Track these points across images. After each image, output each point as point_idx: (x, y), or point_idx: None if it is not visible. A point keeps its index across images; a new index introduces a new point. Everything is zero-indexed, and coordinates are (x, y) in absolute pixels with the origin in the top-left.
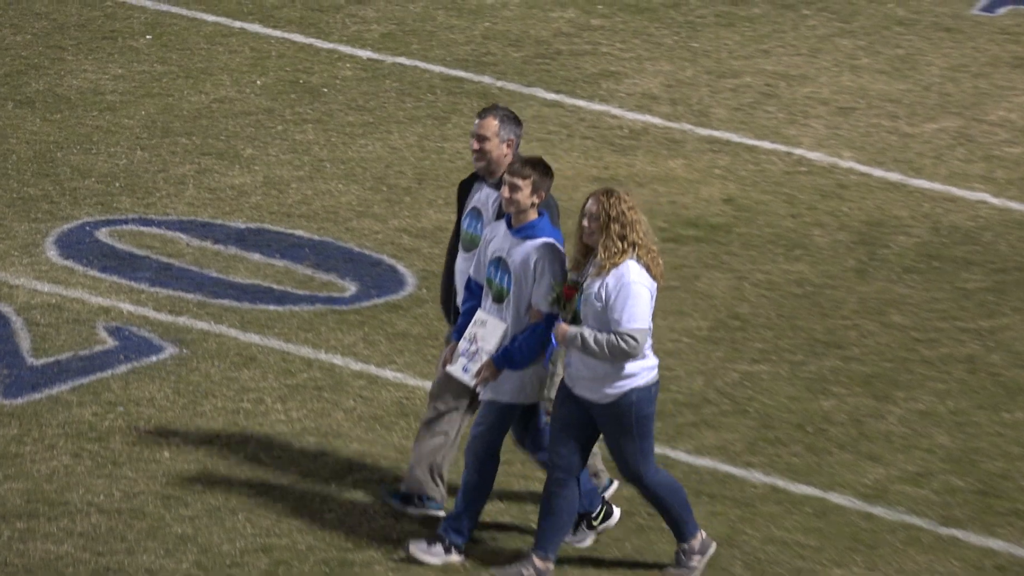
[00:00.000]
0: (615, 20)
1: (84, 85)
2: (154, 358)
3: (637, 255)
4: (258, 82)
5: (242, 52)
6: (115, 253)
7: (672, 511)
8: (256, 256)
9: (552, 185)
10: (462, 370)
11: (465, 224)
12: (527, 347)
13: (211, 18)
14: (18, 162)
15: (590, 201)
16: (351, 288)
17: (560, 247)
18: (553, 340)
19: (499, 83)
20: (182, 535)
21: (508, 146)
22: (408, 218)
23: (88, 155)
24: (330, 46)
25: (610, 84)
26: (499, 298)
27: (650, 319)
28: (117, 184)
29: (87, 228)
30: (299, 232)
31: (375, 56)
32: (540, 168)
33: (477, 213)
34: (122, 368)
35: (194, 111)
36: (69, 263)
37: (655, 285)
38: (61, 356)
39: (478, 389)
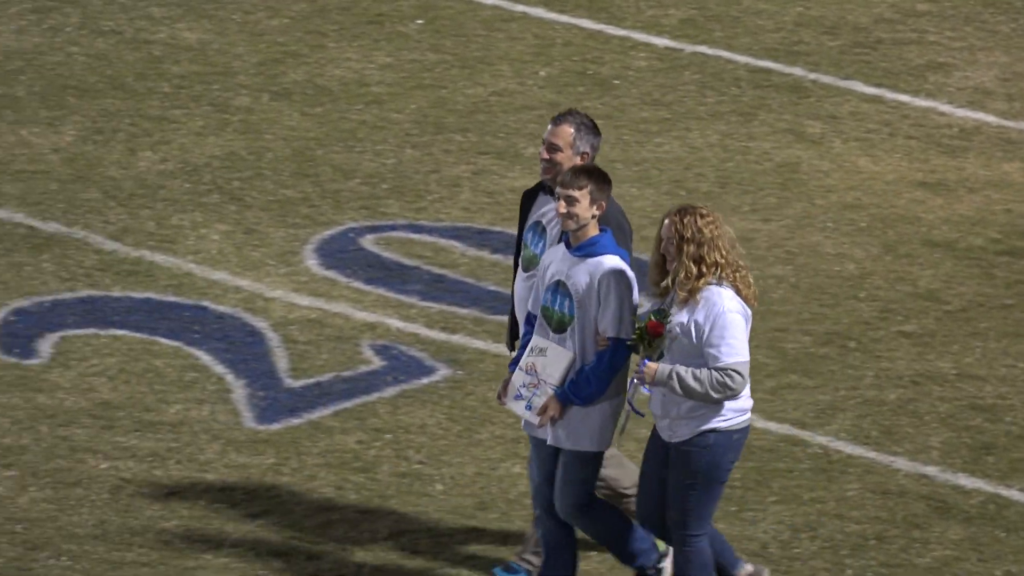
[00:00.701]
0: (943, 5)
1: (347, 75)
2: (425, 380)
3: (721, 276)
4: (541, 73)
5: (524, 39)
6: (382, 263)
7: None
8: None
9: (610, 193)
10: (526, 407)
11: (528, 239)
12: (595, 378)
13: (490, 1)
14: (274, 161)
15: (665, 222)
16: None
17: (627, 266)
18: (630, 382)
19: (812, 75)
20: None
21: (583, 159)
22: None
23: (352, 153)
24: (623, 33)
25: (938, 77)
26: (561, 328)
27: (748, 350)
28: (384, 186)
29: (350, 235)
30: None
31: (673, 44)
32: (597, 177)
33: (540, 228)
34: (390, 391)
35: (470, 105)
36: (331, 274)
37: (749, 311)
38: (322, 377)
39: (543, 432)
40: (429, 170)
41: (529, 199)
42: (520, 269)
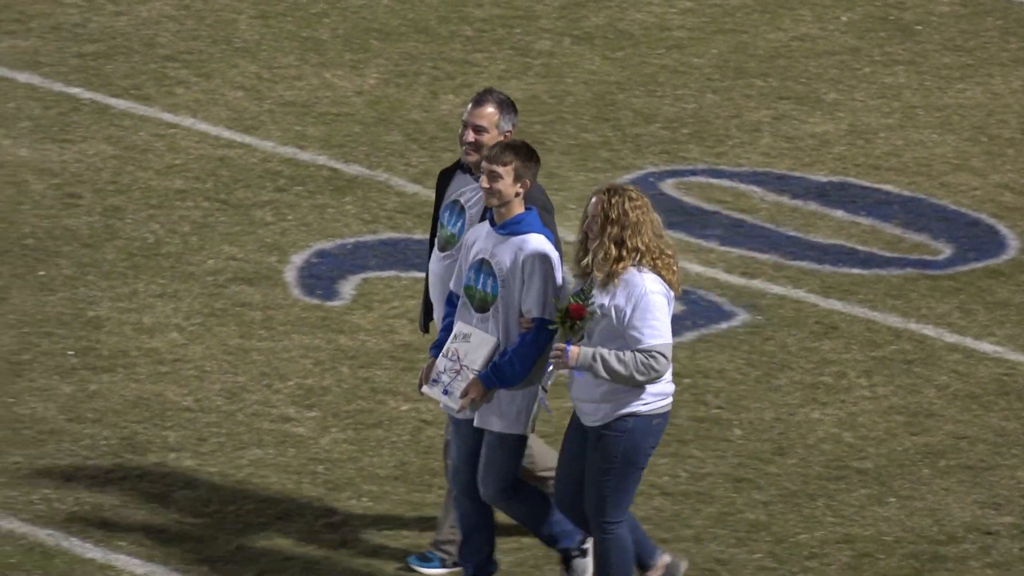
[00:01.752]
0: None
1: (649, 20)
2: (724, 325)
3: (641, 262)
4: (843, 18)
5: None
6: (682, 208)
7: (611, 572)
8: (839, 213)
9: (538, 173)
10: (443, 392)
11: (444, 219)
12: (520, 361)
13: None
14: (575, 104)
15: (592, 199)
16: (945, 251)
17: (552, 245)
18: (548, 364)
19: None
20: (755, 522)
21: (505, 138)
22: (1011, 173)
23: (653, 98)
24: None
25: None
26: (483, 307)
27: (671, 332)
28: (684, 131)
29: (651, 179)
30: (887, 187)
31: None
32: (523, 153)
33: (458, 208)
34: (689, 335)
35: (771, 50)
36: None
37: (672, 294)
38: None
39: (464, 414)
40: (729, 115)
41: (445, 178)
42: (436, 249)
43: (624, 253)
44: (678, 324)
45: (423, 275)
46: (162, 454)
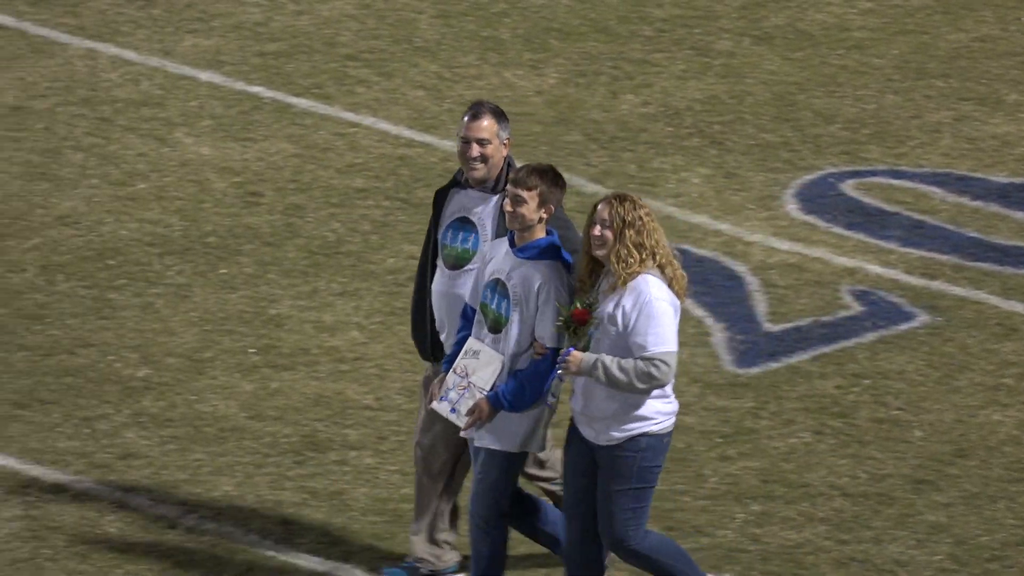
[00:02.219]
0: None
1: (829, 20)
2: (904, 326)
3: (658, 266)
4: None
5: None
6: (862, 208)
7: (674, 571)
8: (1020, 214)
9: (562, 196)
10: (450, 409)
11: (447, 238)
12: (529, 386)
13: None
14: (755, 105)
15: (600, 206)
16: None
17: (567, 269)
18: (555, 371)
19: None
20: (935, 524)
21: (506, 146)
22: None
23: (833, 98)
24: None
25: None
26: (496, 327)
27: (676, 341)
28: (864, 131)
29: (830, 180)
30: None
31: None
32: (549, 178)
33: (464, 223)
34: (869, 336)
35: (952, 51)
36: (810, 219)
37: (678, 302)
38: (801, 322)
39: (469, 432)
40: (910, 116)
41: (441, 197)
42: (444, 268)
43: (644, 255)
44: (857, 325)
45: None
46: (342, 452)
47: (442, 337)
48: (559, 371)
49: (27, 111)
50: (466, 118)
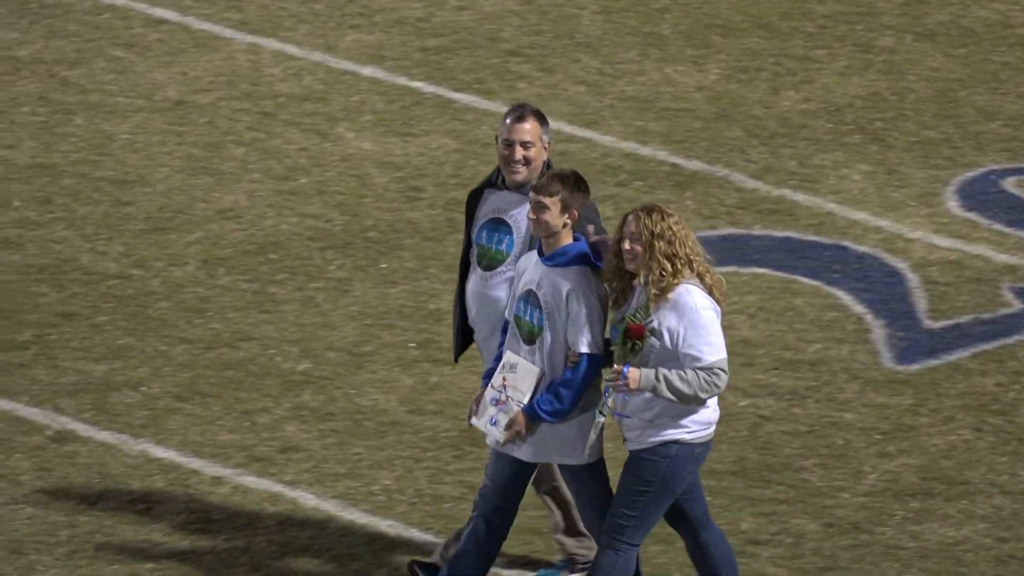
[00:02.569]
0: None
1: (992, 17)
2: None
3: (697, 275)
4: None
5: None
6: (1023, 205)
7: None
8: None
9: (587, 202)
10: (490, 422)
11: (483, 238)
12: (565, 395)
13: None
14: (917, 102)
15: (628, 219)
16: None
17: (597, 275)
18: (605, 391)
19: None
20: None
21: (546, 149)
22: None
23: (995, 95)
24: None
25: None
26: (531, 339)
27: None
28: None
29: (992, 177)
30: None
31: None
32: (571, 183)
33: (499, 224)
34: None
35: None
36: (971, 215)
37: (720, 310)
38: (961, 319)
39: (508, 448)
40: None
41: (475, 198)
42: (478, 269)
43: (679, 266)
44: (1018, 322)
45: (761, 271)
46: None
47: (476, 338)
48: (611, 389)
49: (190, 105)
50: (508, 120)
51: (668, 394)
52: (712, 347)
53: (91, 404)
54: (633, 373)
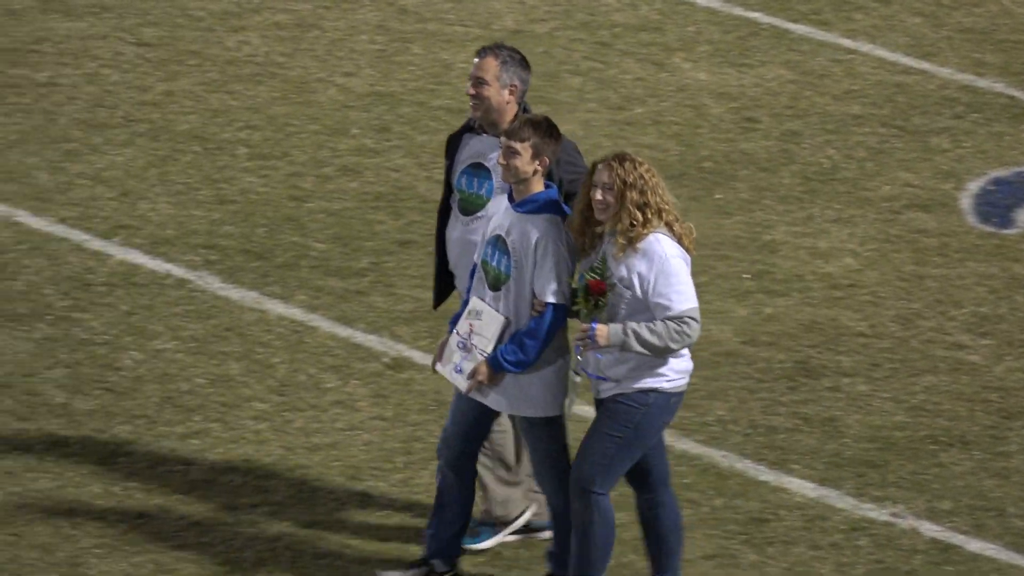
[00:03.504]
0: None
1: None
2: None
3: (666, 224)
4: None
5: None
6: None
7: (591, 550)
8: None
9: (558, 149)
10: (455, 370)
11: (462, 183)
12: (529, 345)
13: None
14: None
15: (599, 168)
16: None
17: (567, 223)
18: (576, 349)
19: None
20: None
21: (511, 92)
22: None
23: None
24: None
25: None
26: (496, 285)
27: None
28: None
29: None
30: None
31: None
32: (542, 129)
33: (478, 169)
34: None
35: None
36: None
37: (690, 258)
38: None
39: (473, 394)
40: None
41: (454, 142)
42: (457, 212)
43: (649, 215)
44: None
45: None
46: (835, 379)
47: (457, 284)
48: (582, 347)
49: (527, 35)
50: (475, 57)
51: (639, 347)
52: (682, 295)
53: (427, 332)
54: (601, 329)
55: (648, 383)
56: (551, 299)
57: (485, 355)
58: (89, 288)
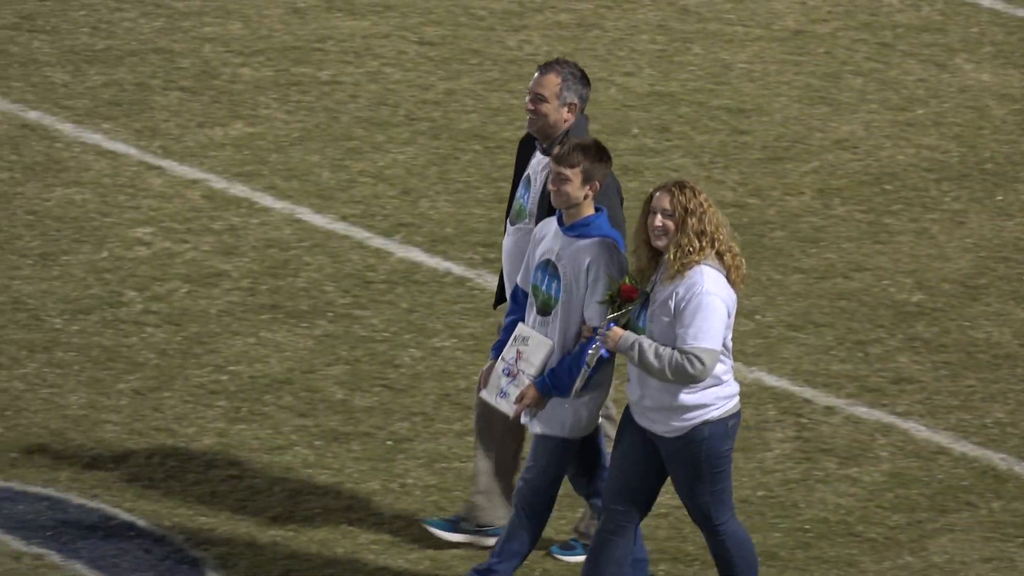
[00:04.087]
0: None
1: None
2: None
3: (717, 253)
4: None
5: None
6: None
7: (736, 571)
8: None
9: (609, 172)
10: (499, 394)
11: (518, 192)
12: (578, 370)
13: None
14: None
15: (658, 196)
16: None
17: (619, 247)
18: (592, 340)
19: None
20: None
21: (570, 110)
22: None
23: None
24: None
25: None
26: (545, 309)
27: (725, 338)
28: None
29: None
30: None
31: None
32: (592, 153)
33: (529, 182)
34: None
35: None
36: None
37: (734, 297)
38: None
39: (522, 419)
40: None
41: (527, 146)
42: (508, 224)
43: (704, 243)
44: None
45: None
46: None
47: (507, 287)
48: (597, 342)
49: (808, 35)
50: (537, 72)
51: (637, 362)
52: (700, 332)
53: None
54: (614, 332)
55: (698, 418)
56: (599, 325)
57: (531, 379)
58: (369, 286)
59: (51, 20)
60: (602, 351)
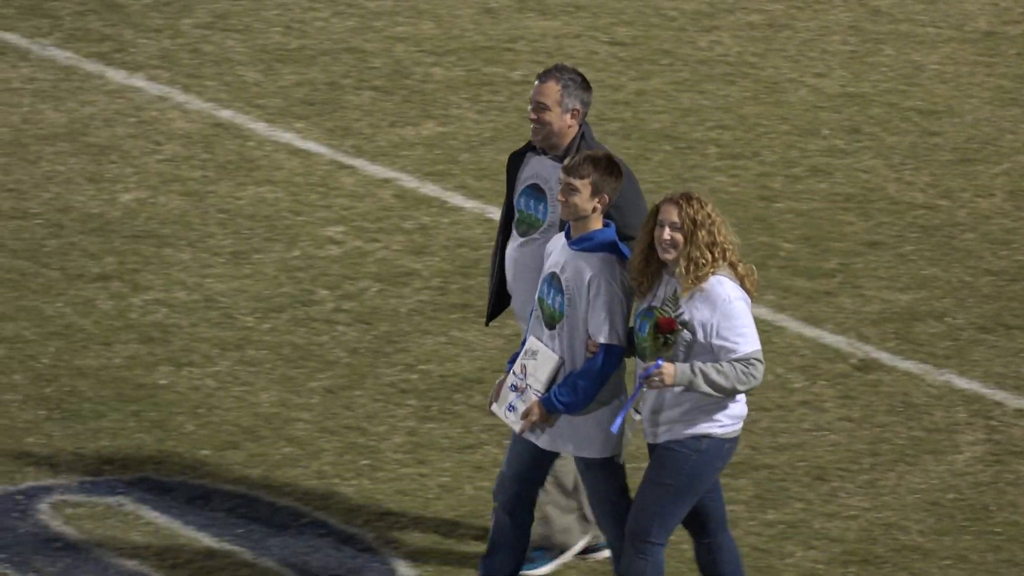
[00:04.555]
0: None
1: None
2: None
3: (729, 264)
4: None
5: None
6: None
7: None
8: None
9: (619, 187)
10: (507, 408)
11: (522, 203)
12: (582, 386)
13: None
14: None
15: (666, 208)
16: None
17: (622, 263)
18: (638, 383)
19: None
20: None
21: (573, 116)
22: None
23: None
24: None
25: None
26: (551, 323)
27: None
28: None
29: None
30: None
31: None
32: (603, 166)
33: (536, 191)
34: None
35: None
36: None
37: (750, 300)
38: None
39: (527, 435)
40: None
41: (516, 161)
42: (515, 233)
43: (716, 254)
44: None
45: None
46: None
47: (512, 304)
48: (643, 388)
49: (1000, 36)
50: (536, 81)
51: (705, 388)
52: (746, 338)
53: (895, 333)
54: (668, 368)
55: (702, 428)
56: (604, 340)
57: (539, 395)
58: None
59: (244, 19)
60: (638, 388)
